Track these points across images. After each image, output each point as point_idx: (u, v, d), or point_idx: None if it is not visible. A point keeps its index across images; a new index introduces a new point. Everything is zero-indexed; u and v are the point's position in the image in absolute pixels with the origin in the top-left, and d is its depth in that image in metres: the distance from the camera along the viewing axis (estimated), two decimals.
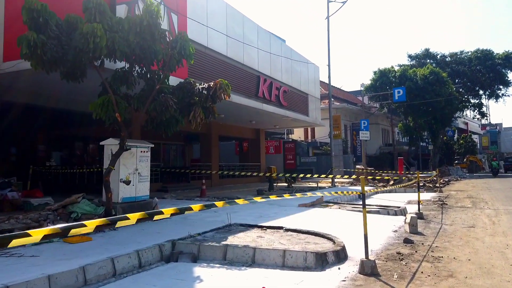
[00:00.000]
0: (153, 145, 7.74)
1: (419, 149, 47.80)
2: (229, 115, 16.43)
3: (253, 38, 15.04)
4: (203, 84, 7.41)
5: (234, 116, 16.73)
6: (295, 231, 6.45)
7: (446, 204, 11.72)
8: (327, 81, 20.64)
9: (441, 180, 23.49)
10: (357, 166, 25.51)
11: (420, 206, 11.24)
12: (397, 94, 22.72)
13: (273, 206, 10.21)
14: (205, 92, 7.30)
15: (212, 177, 18.42)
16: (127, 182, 7.00)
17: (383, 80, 36.59)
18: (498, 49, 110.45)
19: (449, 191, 17.20)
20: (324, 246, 5.33)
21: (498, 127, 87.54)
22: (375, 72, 39.29)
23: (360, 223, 7.74)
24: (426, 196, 14.71)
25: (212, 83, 7.29)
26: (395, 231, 7.07)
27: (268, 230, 6.68)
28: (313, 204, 10.79)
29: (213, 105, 7.54)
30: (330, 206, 10.62)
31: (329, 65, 19.43)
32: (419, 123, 39.81)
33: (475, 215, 9.21)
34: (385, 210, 9.28)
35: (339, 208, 9.61)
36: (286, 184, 18.82)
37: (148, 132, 10.44)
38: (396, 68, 38.70)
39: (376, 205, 10.33)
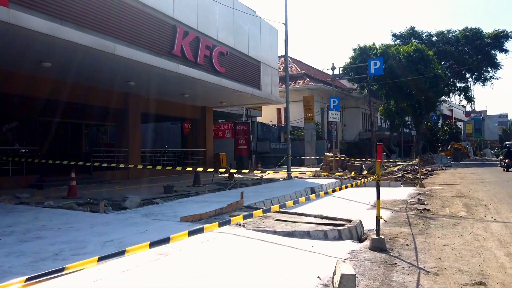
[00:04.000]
0: None
1: (401, 135, 44.50)
2: (140, 82, 12.11)
3: None
4: None
5: (149, 84, 12.36)
6: None
7: (428, 210, 7.80)
8: (299, 58, 16.41)
9: (424, 170, 19.85)
10: (325, 154, 21.60)
11: (389, 214, 7.28)
12: (373, 66, 18.67)
13: (144, 220, 6.07)
14: None
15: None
16: None
17: (363, 58, 32.97)
18: (488, 29, 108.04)
19: (432, 185, 13.42)
20: None
21: (482, 115, 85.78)
22: (354, 50, 35.66)
23: (251, 278, 3.61)
24: (401, 193, 10.86)
25: None
26: None
27: None
28: (217, 214, 6.70)
29: None
30: (246, 214, 6.51)
31: (286, 24, 15.14)
32: (401, 106, 36.40)
33: (477, 240, 5.28)
34: (321, 231, 5.20)
35: (245, 228, 5.52)
36: (227, 175, 14.73)
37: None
38: (378, 46, 35.09)
39: (314, 216, 6.27)
